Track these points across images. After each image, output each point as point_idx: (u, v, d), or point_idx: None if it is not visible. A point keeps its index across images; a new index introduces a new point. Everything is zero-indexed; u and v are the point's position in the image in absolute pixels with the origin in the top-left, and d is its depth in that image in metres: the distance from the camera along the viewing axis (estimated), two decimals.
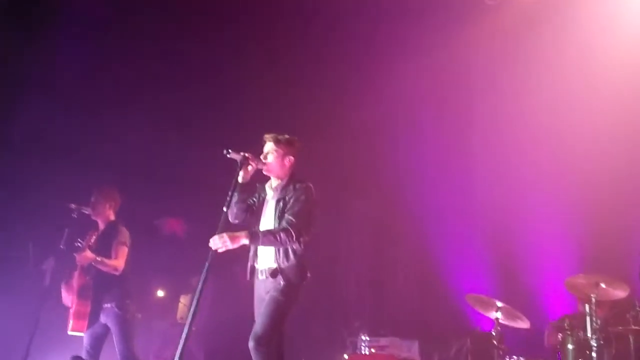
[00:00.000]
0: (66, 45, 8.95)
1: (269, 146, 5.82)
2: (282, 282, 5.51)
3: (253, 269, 5.76)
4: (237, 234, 5.38)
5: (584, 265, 7.90)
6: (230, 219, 5.73)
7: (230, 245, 5.32)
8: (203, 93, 9.53)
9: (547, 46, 8.59)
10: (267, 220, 5.71)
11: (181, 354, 4.98)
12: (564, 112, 8.57)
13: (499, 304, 7.41)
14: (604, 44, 8.11)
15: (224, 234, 5.30)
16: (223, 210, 5.44)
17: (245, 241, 5.41)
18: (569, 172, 8.45)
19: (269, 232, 5.52)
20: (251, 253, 5.73)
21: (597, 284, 6.97)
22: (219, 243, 5.28)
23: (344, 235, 10.82)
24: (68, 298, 7.22)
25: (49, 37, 8.82)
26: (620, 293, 7.05)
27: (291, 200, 5.63)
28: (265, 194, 5.88)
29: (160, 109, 9.43)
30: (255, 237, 5.46)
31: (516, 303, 7.61)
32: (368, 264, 10.72)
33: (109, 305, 7.10)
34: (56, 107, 9.04)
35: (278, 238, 5.46)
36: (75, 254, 7.05)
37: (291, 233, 5.46)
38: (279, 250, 5.56)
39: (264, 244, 5.55)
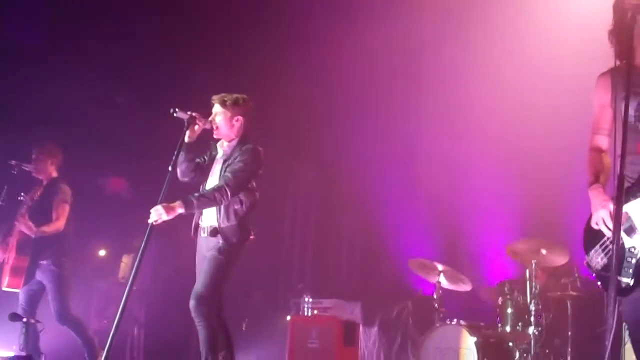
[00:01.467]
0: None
1: (217, 108, 5.77)
2: (220, 242, 5.49)
3: (197, 226, 5.75)
4: (172, 204, 5.31)
5: (526, 230, 8.00)
6: (179, 177, 5.72)
7: (166, 217, 5.27)
8: (150, 51, 9.32)
9: (496, 26, 8.59)
10: (213, 180, 5.69)
11: (122, 312, 4.96)
12: (508, 86, 8.59)
13: (440, 267, 7.52)
14: (556, 30, 8.16)
15: (159, 207, 5.25)
16: (169, 170, 5.41)
17: (180, 210, 5.35)
18: (512, 137, 8.50)
19: (202, 195, 5.48)
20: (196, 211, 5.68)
21: (538, 250, 7.10)
22: (154, 216, 5.25)
23: (289, 198, 10.81)
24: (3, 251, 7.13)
25: None
26: (561, 259, 7.19)
27: (235, 160, 5.60)
28: (217, 153, 5.86)
29: (105, 67, 9.25)
30: (190, 204, 5.39)
31: (459, 267, 7.73)
32: (312, 226, 10.73)
33: (45, 262, 7.03)
34: None
35: (213, 198, 5.43)
36: (16, 221, 6.98)
37: (225, 191, 5.43)
38: (220, 209, 5.54)
39: (199, 208, 5.53)
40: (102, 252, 9.74)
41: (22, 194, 7.07)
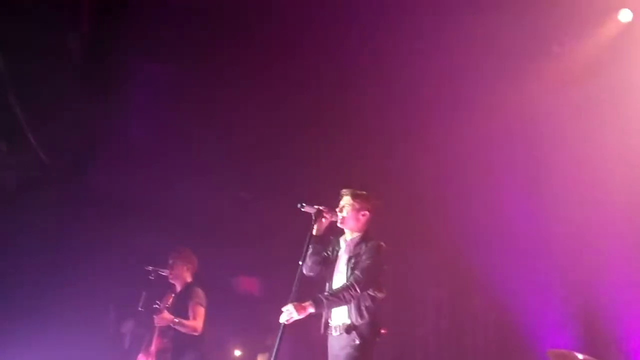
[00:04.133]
0: (138, 106, 9.11)
1: (345, 200, 5.86)
2: (357, 340, 5.49)
3: (327, 324, 5.74)
4: (303, 304, 5.37)
5: None
6: (304, 272, 5.74)
7: (297, 317, 5.33)
8: (274, 145, 9.54)
9: (616, 94, 8.40)
10: (340, 276, 5.73)
11: None
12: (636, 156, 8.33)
13: (580, 356, 7.16)
14: None
15: (290, 306, 5.32)
16: (298, 265, 5.53)
17: (311, 310, 5.40)
18: None
19: (332, 294, 5.51)
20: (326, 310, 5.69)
21: None
22: (285, 315, 5.32)
23: (418, 291, 10.61)
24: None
25: (121, 99, 8.98)
26: None
27: (362, 258, 5.65)
28: (339, 248, 5.91)
29: (230, 164, 9.50)
30: (320, 304, 5.44)
31: (600, 354, 7.36)
32: (445, 315, 10.47)
33: None
34: (128, 167, 9.19)
35: (342, 297, 5.47)
36: (154, 316, 7.17)
37: (355, 289, 5.46)
38: (351, 307, 5.56)
39: (329, 307, 5.56)
40: (237, 352, 9.80)
41: (157, 301, 7.25)
